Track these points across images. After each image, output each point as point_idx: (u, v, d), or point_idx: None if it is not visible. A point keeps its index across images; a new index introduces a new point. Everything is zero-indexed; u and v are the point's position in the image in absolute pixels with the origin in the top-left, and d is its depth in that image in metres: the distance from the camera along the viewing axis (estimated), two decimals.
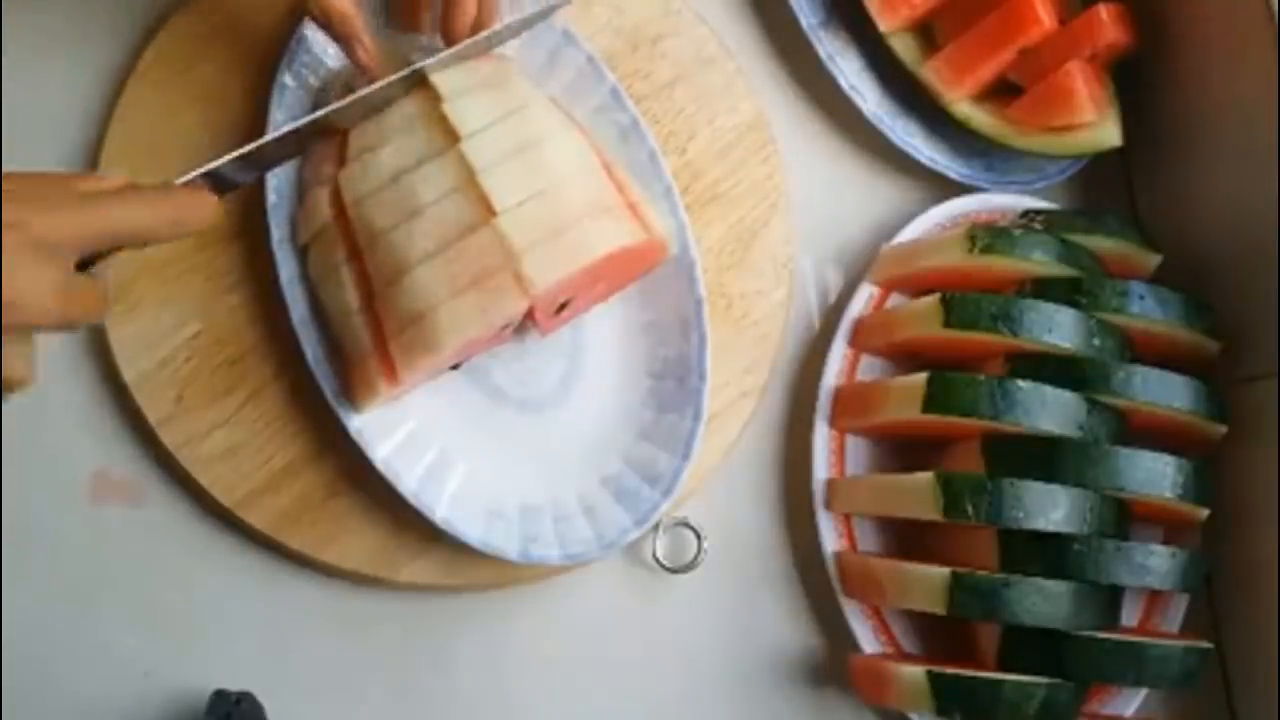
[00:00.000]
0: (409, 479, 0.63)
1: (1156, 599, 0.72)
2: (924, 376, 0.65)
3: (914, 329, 0.69)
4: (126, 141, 0.67)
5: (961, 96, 0.75)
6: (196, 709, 0.63)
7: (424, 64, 0.62)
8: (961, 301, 0.67)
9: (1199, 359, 0.71)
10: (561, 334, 0.68)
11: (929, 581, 0.64)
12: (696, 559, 0.69)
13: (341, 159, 0.63)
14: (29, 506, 0.64)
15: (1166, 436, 0.69)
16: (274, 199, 0.64)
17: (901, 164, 0.77)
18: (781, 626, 0.71)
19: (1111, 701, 0.70)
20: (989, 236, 0.69)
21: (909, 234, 0.73)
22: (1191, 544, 0.70)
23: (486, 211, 0.59)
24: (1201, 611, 0.73)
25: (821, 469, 0.70)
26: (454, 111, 0.61)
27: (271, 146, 0.57)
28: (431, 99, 0.62)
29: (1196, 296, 0.70)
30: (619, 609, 0.69)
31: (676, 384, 0.68)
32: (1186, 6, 0.74)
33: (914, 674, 0.64)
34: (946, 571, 0.63)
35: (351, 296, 0.62)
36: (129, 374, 0.65)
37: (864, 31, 0.75)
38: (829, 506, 0.70)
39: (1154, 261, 0.73)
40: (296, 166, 0.65)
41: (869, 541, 0.71)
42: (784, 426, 0.73)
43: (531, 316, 0.61)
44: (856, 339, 0.72)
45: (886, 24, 0.75)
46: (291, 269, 0.64)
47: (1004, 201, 0.75)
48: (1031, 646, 0.65)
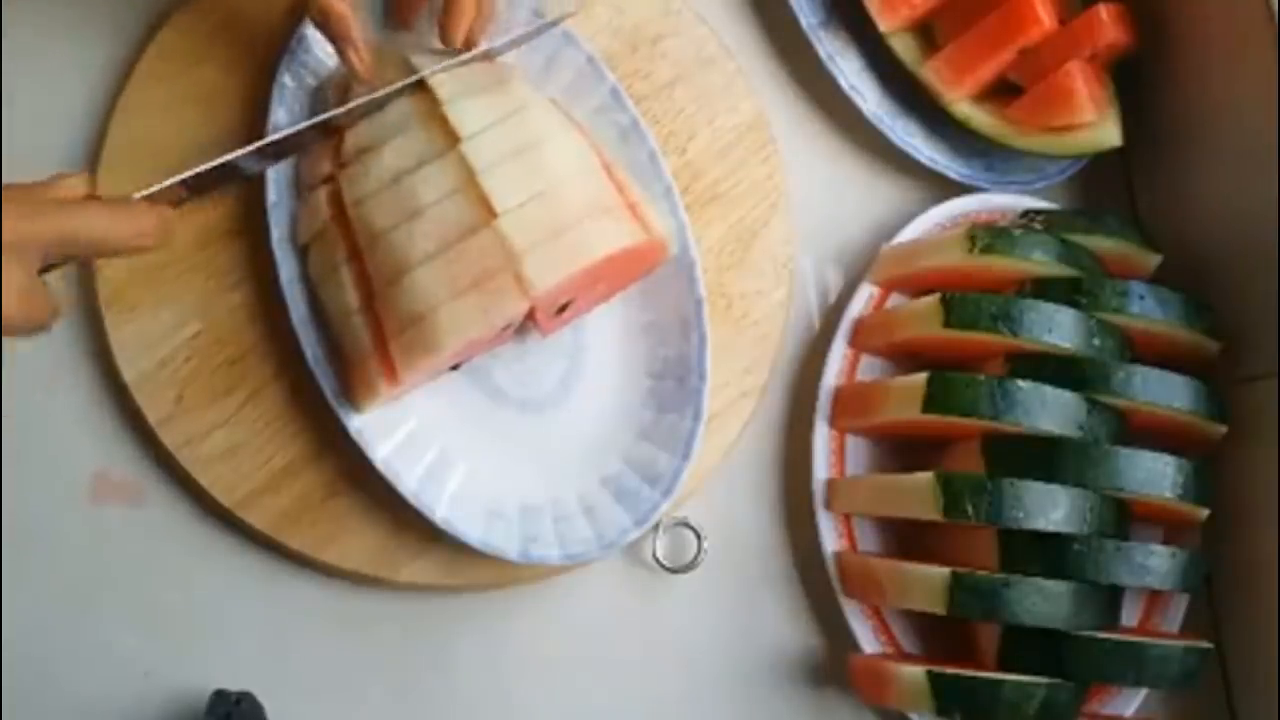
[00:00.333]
0: (409, 479, 0.63)
1: (1156, 599, 0.72)
2: (924, 376, 0.65)
3: (914, 329, 0.69)
4: (128, 137, 0.67)
5: (961, 96, 0.75)
6: (196, 709, 0.63)
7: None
8: (961, 301, 0.67)
9: (1199, 359, 0.71)
10: (562, 334, 0.68)
11: (929, 581, 0.64)
12: (696, 559, 0.69)
13: (338, 156, 0.63)
14: (29, 506, 0.64)
15: (1166, 436, 0.69)
16: (274, 198, 0.64)
17: (901, 164, 0.77)
18: (781, 626, 0.71)
19: (1111, 701, 0.70)
20: (989, 236, 0.69)
21: (909, 234, 0.73)
22: (1191, 544, 0.70)
23: (487, 213, 0.60)
24: (1201, 611, 0.73)
25: (821, 469, 0.70)
26: (454, 113, 0.61)
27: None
28: (431, 100, 0.62)
29: (1196, 296, 0.70)
30: (619, 609, 0.69)
31: (676, 384, 0.68)
32: (1186, 6, 0.74)
33: (914, 674, 0.64)
34: (946, 571, 0.63)
35: (352, 297, 0.62)
36: (129, 374, 0.65)
37: (864, 31, 0.75)
38: (829, 506, 0.70)
39: (1154, 261, 0.73)
40: (294, 165, 0.65)
41: (869, 541, 0.71)
42: (784, 426, 0.73)
43: (532, 317, 0.61)
44: (856, 339, 0.72)
45: (886, 24, 0.74)
46: (292, 269, 0.64)
47: (1004, 201, 0.75)
48: (1031, 646, 0.65)
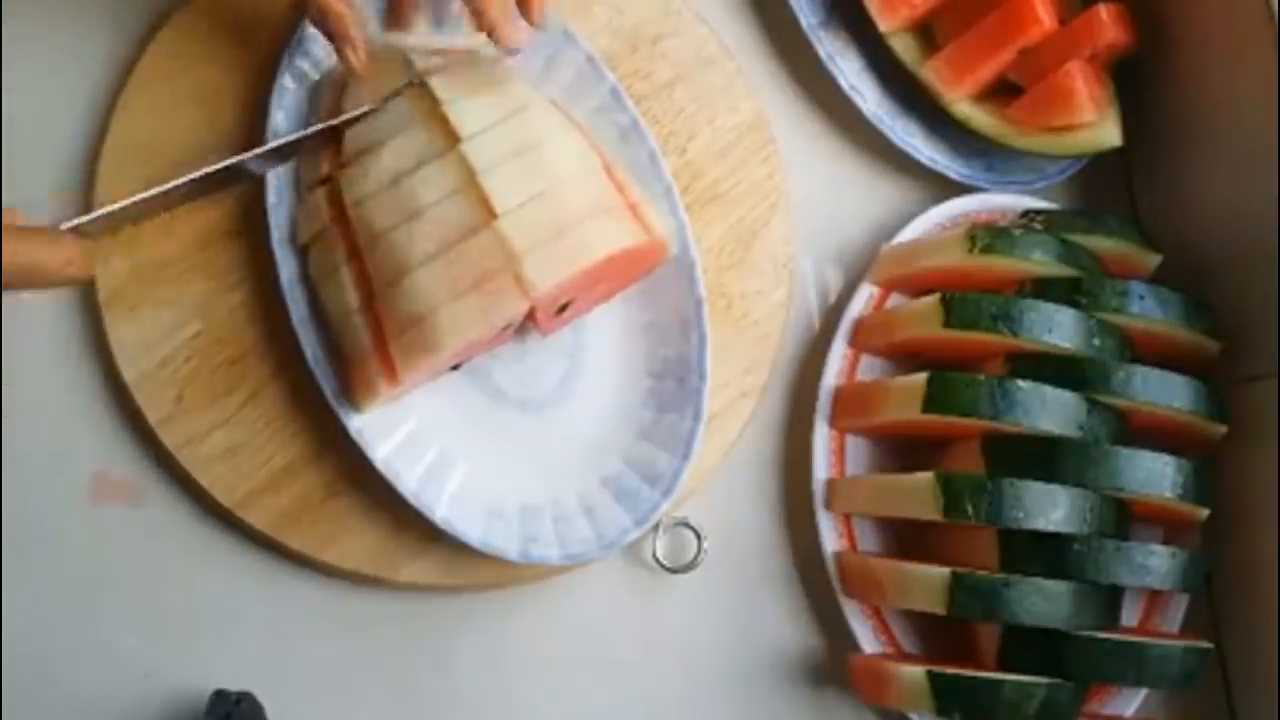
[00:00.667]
0: (409, 479, 0.63)
1: (1156, 599, 0.72)
2: (924, 376, 0.65)
3: (914, 329, 0.69)
4: (128, 137, 0.67)
5: (961, 96, 0.75)
6: (196, 709, 0.63)
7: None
8: (961, 301, 0.67)
9: (1199, 359, 0.71)
10: (562, 334, 0.68)
11: (929, 581, 0.64)
12: (696, 559, 0.69)
13: (338, 156, 0.63)
14: (29, 506, 0.64)
15: (1166, 436, 0.69)
16: (274, 199, 0.64)
17: (901, 164, 0.77)
18: (781, 626, 0.71)
19: (1111, 701, 0.70)
20: (989, 236, 0.68)
21: (909, 234, 0.73)
22: (1191, 544, 0.70)
23: (487, 213, 0.59)
24: (1201, 611, 0.73)
25: (821, 469, 0.70)
26: (454, 113, 0.61)
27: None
28: (431, 100, 0.62)
29: (1196, 296, 0.70)
30: (619, 609, 0.69)
31: (676, 384, 0.68)
32: (1186, 6, 0.74)
33: (914, 674, 0.64)
34: (946, 571, 0.63)
35: (352, 297, 0.62)
36: (129, 374, 0.65)
37: (864, 31, 0.75)
38: (829, 506, 0.70)
39: (1154, 261, 0.73)
40: (294, 165, 0.65)
41: (869, 541, 0.71)
42: (784, 426, 0.73)
43: (532, 317, 0.61)
44: (856, 339, 0.72)
45: (886, 24, 0.75)
46: (291, 269, 0.64)
47: (1004, 201, 0.75)
48: (1031, 646, 0.65)
